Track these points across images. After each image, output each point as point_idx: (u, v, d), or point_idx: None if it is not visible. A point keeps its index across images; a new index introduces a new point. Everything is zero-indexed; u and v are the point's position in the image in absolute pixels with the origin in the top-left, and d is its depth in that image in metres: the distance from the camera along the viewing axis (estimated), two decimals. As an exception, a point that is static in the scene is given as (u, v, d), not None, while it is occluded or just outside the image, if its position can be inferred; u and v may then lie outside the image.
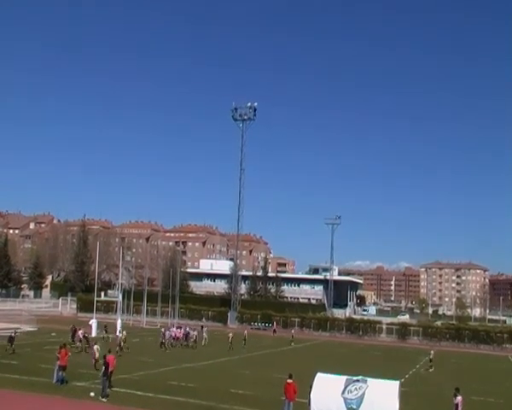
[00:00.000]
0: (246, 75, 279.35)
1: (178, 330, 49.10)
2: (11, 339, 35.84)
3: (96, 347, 30.82)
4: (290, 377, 21.46)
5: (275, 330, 71.82)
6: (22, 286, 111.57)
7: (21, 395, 22.98)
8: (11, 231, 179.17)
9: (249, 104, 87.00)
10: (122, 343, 39.66)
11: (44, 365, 29.09)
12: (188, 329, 50.26)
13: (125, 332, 42.59)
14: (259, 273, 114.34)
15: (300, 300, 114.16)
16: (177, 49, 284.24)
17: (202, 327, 54.53)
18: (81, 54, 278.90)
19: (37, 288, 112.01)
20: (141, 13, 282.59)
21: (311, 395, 20.00)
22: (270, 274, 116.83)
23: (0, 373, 27.31)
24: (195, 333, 48.99)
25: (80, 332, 40.13)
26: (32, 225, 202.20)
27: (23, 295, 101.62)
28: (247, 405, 23.72)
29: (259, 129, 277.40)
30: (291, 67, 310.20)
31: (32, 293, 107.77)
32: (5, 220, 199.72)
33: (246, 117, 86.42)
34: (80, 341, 39.28)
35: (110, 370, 24.14)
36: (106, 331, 46.48)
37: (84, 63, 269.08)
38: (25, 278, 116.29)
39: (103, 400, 22.81)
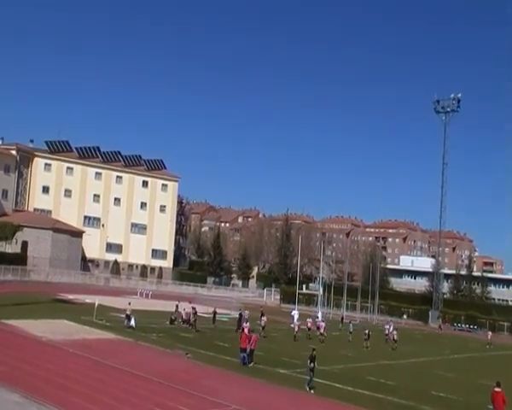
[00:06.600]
0: (449, 65, 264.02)
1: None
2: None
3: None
4: (498, 385, 19.94)
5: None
6: (232, 276, 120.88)
7: (217, 371, 25.03)
8: (222, 225, 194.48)
9: (452, 95, 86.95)
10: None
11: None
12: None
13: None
14: (463, 272, 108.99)
15: (510, 303, 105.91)
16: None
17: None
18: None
19: (245, 278, 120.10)
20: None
21: None
22: (475, 273, 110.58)
23: (214, 353, 30.21)
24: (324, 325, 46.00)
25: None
26: (240, 219, 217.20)
27: (233, 284, 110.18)
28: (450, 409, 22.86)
29: (464, 122, 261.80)
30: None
31: (240, 282, 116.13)
32: (218, 214, 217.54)
33: (449, 109, 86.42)
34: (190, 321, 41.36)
35: (251, 348, 27.67)
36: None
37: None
38: (234, 268, 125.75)
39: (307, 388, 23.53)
